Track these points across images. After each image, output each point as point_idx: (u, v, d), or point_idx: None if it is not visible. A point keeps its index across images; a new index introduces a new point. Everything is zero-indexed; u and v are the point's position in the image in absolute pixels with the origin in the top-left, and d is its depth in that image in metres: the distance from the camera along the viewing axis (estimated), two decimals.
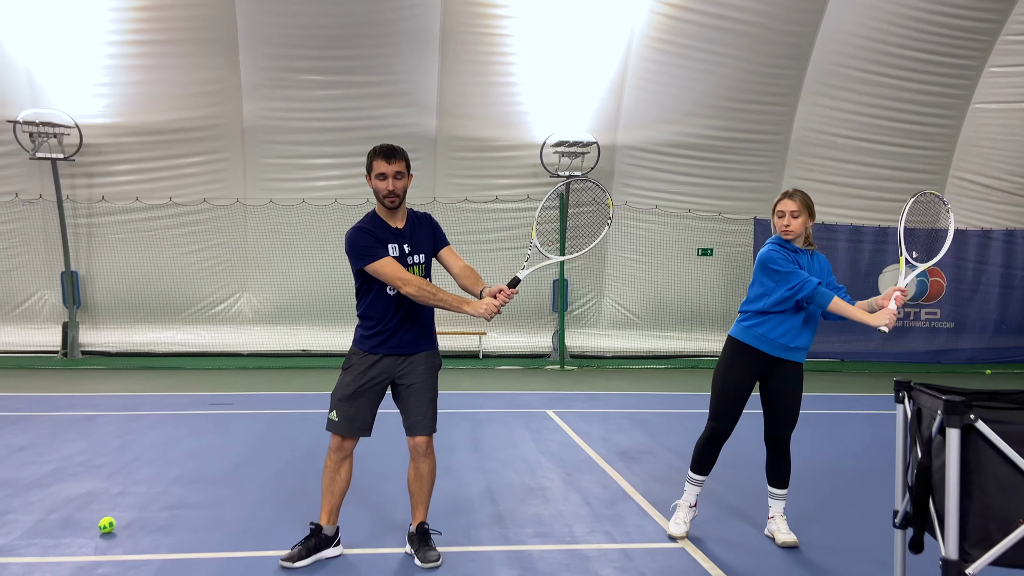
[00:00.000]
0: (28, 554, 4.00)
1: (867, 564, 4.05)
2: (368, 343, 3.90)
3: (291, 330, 13.08)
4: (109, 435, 6.86)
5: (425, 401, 3.95)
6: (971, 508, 2.01)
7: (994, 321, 13.94)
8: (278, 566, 3.87)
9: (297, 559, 3.87)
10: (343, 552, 4.08)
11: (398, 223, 3.91)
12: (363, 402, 3.91)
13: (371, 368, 3.90)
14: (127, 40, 11.90)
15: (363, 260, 3.78)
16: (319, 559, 3.95)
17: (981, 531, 2.01)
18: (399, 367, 3.93)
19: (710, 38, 12.33)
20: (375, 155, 3.83)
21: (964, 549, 2.01)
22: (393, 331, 3.87)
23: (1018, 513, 1.99)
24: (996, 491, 1.99)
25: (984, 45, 12.99)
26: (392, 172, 3.79)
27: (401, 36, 12.14)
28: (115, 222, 12.83)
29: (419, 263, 3.94)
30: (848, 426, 8.00)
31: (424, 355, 3.97)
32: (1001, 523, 1.99)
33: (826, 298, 4.05)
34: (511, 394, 9.61)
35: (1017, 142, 13.77)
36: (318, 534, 3.97)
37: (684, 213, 13.46)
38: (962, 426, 2.00)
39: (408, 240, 3.90)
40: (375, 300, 3.87)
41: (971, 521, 2.01)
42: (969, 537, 2.01)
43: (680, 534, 4.41)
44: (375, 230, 3.84)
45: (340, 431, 3.91)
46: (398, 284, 3.73)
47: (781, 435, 4.37)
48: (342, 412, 3.90)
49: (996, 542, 1.99)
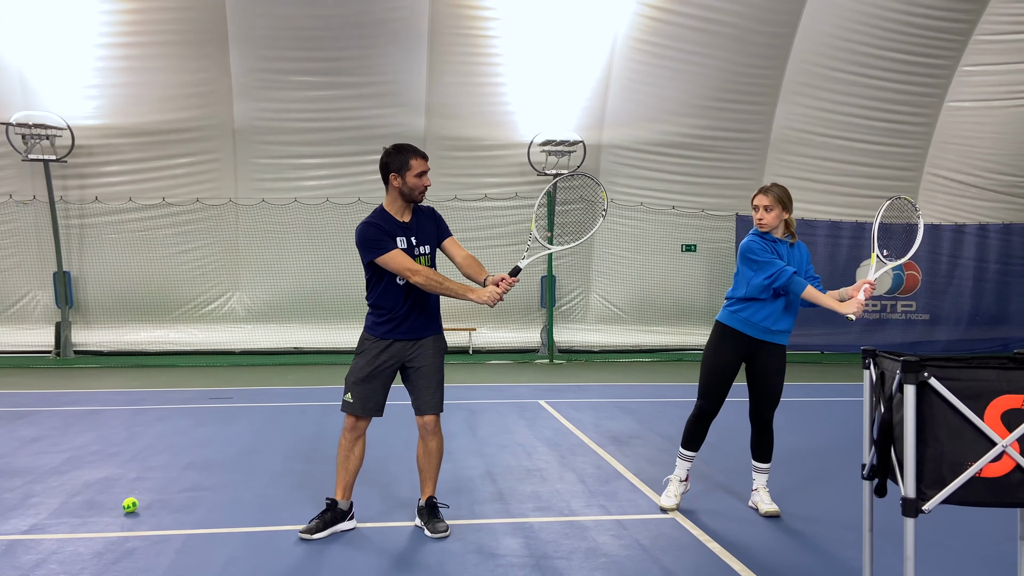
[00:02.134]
0: (58, 531, 4.23)
1: (842, 530, 4.37)
2: (380, 329, 4.17)
3: (283, 328, 13.27)
4: (117, 427, 7.07)
5: (433, 382, 4.24)
6: (927, 454, 2.32)
7: (968, 313, 14.38)
8: (296, 538, 4.13)
9: (315, 531, 4.13)
10: (357, 526, 4.34)
11: (405, 217, 4.18)
12: (376, 384, 4.18)
13: (383, 352, 4.17)
14: (118, 42, 12.06)
15: (374, 252, 4.04)
16: (335, 532, 4.21)
17: (935, 474, 2.32)
18: (409, 351, 4.20)
19: (692, 39, 12.68)
20: (413, 154, 4.10)
21: (921, 490, 2.32)
22: (403, 318, 4.14)
23: (967, 457, 2.30)
24: (948, 439, 2.30)
25: (957, 45, 13.42)
26: (428, 169, 4.15)
27: (390, 37, 12.38)
28: (108, 222, 12.98)
29: (425, 254, 4.21)
30: (827, 412, 8.35)
31: (432, 339, 4.26)
32: (952, 466, 2.30)
33: (800, 286, 4.37)
34: (503, 386, 9.90)
35: (989, 139, 14.22)
36: (334, 508, 4.24)
37: (668, 210, 13.80)
38: (917, 383, 2.31)
39: (415, 233, 4.18)
40: (386, 290, 4.14)
41: (927, 465, 2.32)
42: (925, 479, 2.32)
43: (671, 506, 4.72)
44: (384, 224, 4.11)
45: (355, 411, 4.18)
46: (407, 274, 4.00)
47: (765, 413, 4.68)
48: (357, 394, 4.17)
49: (948, 483, 2.31)
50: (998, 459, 2.31)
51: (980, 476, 2.32)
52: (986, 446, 2.31)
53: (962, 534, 4.29)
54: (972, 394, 2.32)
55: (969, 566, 3.85)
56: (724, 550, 4.05)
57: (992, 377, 2.33)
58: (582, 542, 4.16)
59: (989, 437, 2.31)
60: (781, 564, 3.86)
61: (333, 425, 7.11)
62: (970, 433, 2.31)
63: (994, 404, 2.31)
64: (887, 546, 3.77)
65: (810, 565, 3.87)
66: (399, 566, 3.82)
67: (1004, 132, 14.12)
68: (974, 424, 2.31)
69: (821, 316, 13.32)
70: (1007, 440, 2.30)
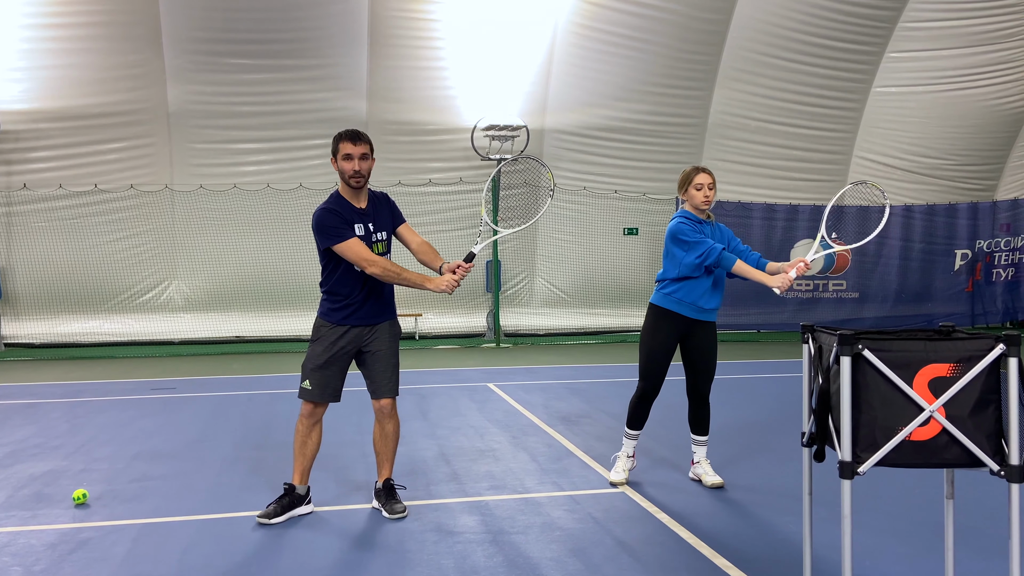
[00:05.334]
0: (8, 524, 4.15)
1: (780, 498, 4.60)
2: (336, 316, 4.19)
3: (224, 317, 13.05)
4: (56, 420, 6.91)
5: (389, 366, 4.29)
6: (861, 420, 2.50)
7: (895, 291, 15.05)
8: (254, 524, 4.14)
9: (273, 516, 4.16)
10: (315, 510, 4.38)
11: (361, 203, 4.19)
12: (334, 370, 4.21)
13: (340, 339, 4.19)
14: (45, 23, 11.62)
15: (331, 240, 4.05)
16: (293, 516, 4.24)
17: (869, 438, 2.50)
18: (365, 336, 4.24)
19: (631, 24, 12.87)
20: (341, 138, 4.08)
21: (856, 453, 2.50)
22: (360, 304, 4.17)
23: (898, 422, 2.48)
24: (880, 406, 2.48)
25: (884, 32, 13.95)
26: (358, 154, 4.05)
27: (329, 19, 12.22)
28: (37, 210, 12.54)
29: (382, 240, 4.24)
30: (763, 388, 8.68)
31: (387, 324, 4.31)
32: (885, 431, 2.49)
33: (730, 261, 4.57)
34: (452, 370, 9.98)
35: (914, 123, 14.85)
36: (291, 493, 4.26)
37: (610, 194, 14.02)
38: (852, 355, 2.49)
39: (372, 219, 4.20)
40: (343, 276, 4.14)
41: (861, 431, 2.50)
42: (860, 443, 2.50)
43: (620, 480, 4.89)
44: (342, 211, 4.11)
45: (314, 398, 4.20)
46: (363, 265, 4.02)
47: (702, 388, 4.89)
48: (315, 380, 4.19)
49: (881, 446, 2.49)
50: (926, 423, 2.50)
51: (910, 439, 2.50)
52: (915, 412, 2.50)
53: (893, 499, 4.57)
54: (902, 364, 2.50)
55: (900, 526, 4.11)
56: (672, 520, 4.23)
57: (920, 348, 2.51)
58: (537, 517, 4.29)
59: (918, 403, 2.49)
60: (726, 531, 4.06)
61: (282, 412, 7.09)
62: (900, 400, 2.50)
63: (922, 373, 2.50)
64: (823, 511, 4.00)
65: (752, 530, 4.07)
66: (360, 546, 3.88)
67: (929, 117, 14.77)
68: (904, 392, 2.49)
69: (756, 296, 13.88)
70: (934, 406, 2.49)
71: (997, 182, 15.98)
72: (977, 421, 2.51)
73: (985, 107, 14.82)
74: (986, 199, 15.66)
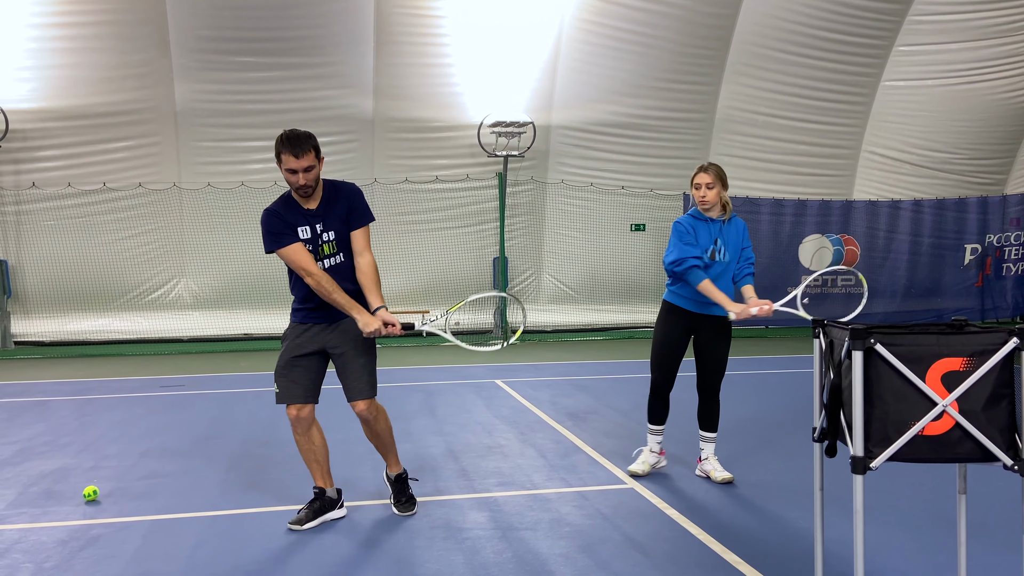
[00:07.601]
0: (18, 521, 4.17)
1: (790, 494, 4.58)
2: (298, 315, 4.13)
3: (232, 314, 13.07)
4: (66, 418, 6.93)
5: (358, 366, 4.07)
6: (873, 415, 2.48)
7: (903, 286, 14.96)
8: (262, 520, 4.14)
9: (305, 521, 4.05)
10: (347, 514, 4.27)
11: (311, 204, 3.99)
12: (299, 371, 4.07)
13: (300, 336, 4.09)
14: (52, 22, 11.63)
15: (273, 244, 3.96)
16: (325, 520, 4.14)
17: (881, 433, 2.47)
18: (328, 335, 4.08)
19: (638, 20, 12.80)
20: (283, 148, 3.84)
21: (868, 448, 2.48)
22: (319, 303, 4.02)
23: (910, 416, 2.46)
24: (892, 400, 2.46)
25: (893, 26, 13.84)
26: (302, 168, 3.84)
27: (335, 17, 12.21)
28: (46, 209, 12.56)
29: (331, 240, 4.00)
30: (773, 384, 8.65)
31: (350, 321, 3.99)
32: (897, 425, 2.47)
33: (697, 278, 4.60)
34: (459, 367, 9.97)
35: (923, 117, 14.73)
36: (322, 497, 4.17)
37: (617, 190, 13.98)
38: (864, 349, 2.47)
39: (322, 219, 3.99)
40: (300, 277, 4.01)
41: (873, 425, 2.48)
42: (872, 438, 2.48)
43: (637, 471, 4.91)
44: (286, 214, 3.95)
45: (283, 400, 4.10)
46: (302, 274, 3.92)
47: (711, 382, 4.88)
48: (281, 382, 4.10)
49: (893, 441, 2.47)
50: (939, 418, 2.48)
51: (922, 434, 2.48)
52: (928, 406, 2.47)
53: (905, 494, 4.54)
54: (914, 358, 2.48)
55: (912, 521, 4.08)
56: (682, 515, 4.21)
57: (932, 342, 2.49)
58: (546, 513, 4.28)
59: (930, 398, 2.47)
60: (736, 526, 4.04)
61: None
62: (913, 394, 2.47)
63: (935, 367, 2.47)
64: (834, 507, 3.98)
65: (762, 525, 4.05)
66: (369, 543, 3.87)
67: (937, 110, 14.66)
68: (916, 386, 2.47)
69: (764, 293, 13.77)
70: (947, 400, 2.47)
71: (1007, 176, 15.85)
72: (990, 415, 2.48)
73: (995, 101, 14.70)
74: (996, 193, 15.55)
